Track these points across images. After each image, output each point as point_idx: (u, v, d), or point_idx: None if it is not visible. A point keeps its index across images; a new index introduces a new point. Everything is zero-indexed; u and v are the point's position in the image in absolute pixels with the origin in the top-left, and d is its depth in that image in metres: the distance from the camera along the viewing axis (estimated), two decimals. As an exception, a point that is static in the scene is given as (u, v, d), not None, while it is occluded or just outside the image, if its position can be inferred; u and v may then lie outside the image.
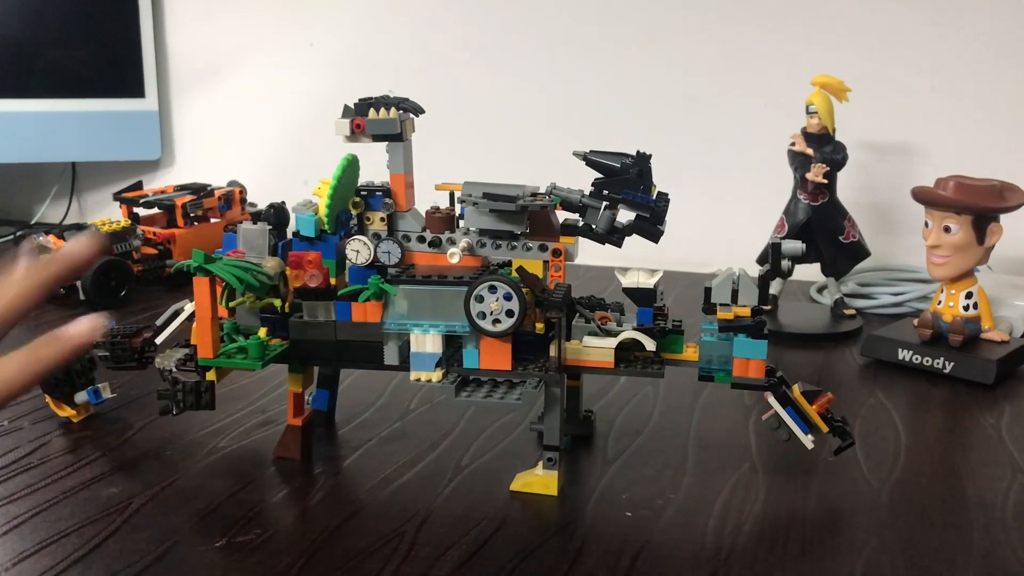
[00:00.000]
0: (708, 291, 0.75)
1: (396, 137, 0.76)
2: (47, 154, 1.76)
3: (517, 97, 1.60)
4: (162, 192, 1.47)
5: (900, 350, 1.05)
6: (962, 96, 1.39)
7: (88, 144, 1.74)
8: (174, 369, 0.78)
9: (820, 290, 1.34)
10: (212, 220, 1.46)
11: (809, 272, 1.25)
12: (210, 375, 0.77)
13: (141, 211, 1.44)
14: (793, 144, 1.21)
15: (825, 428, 0.76)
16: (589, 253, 0.83)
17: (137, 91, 1.74)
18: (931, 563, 0.66)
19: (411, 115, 0.78)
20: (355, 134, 0.76)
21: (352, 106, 0.77)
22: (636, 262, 0.79)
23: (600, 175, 0.76)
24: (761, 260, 1.19)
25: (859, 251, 1.23)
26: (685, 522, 0.71)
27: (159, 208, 1.43)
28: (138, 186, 1.51)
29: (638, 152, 0.75)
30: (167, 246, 1.39)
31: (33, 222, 1.88)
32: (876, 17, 1.41)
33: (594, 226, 0.76)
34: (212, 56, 1.78)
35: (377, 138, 0.77)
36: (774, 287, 1.25)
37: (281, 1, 1.72)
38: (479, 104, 1.61)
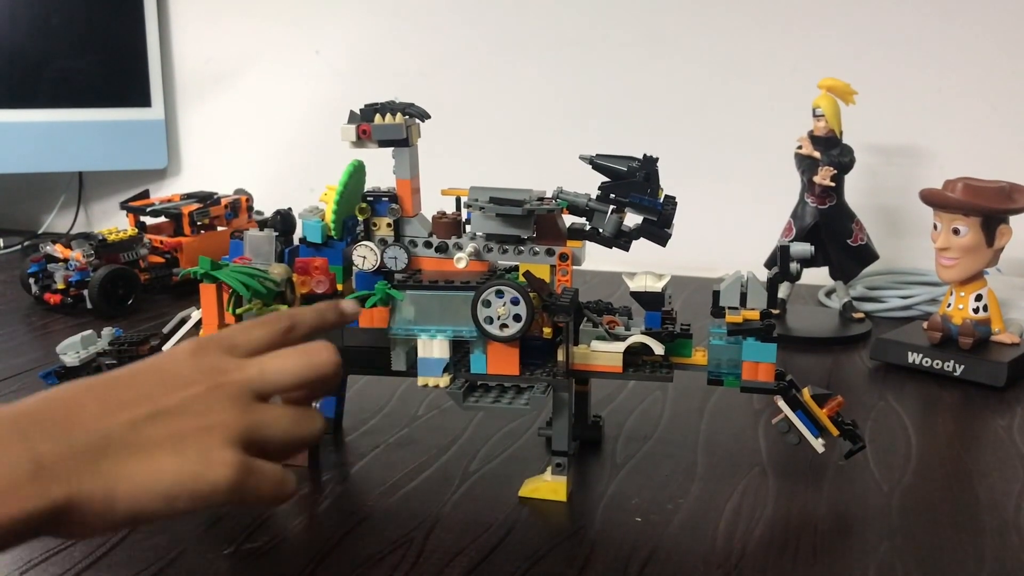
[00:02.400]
0: (716, 294, 0.75)
1: (402, 142, 0.76)
2: (54, 164, 1.76)
3: (523, 102, 1.60)
4: (168, 201, 1.47)
5: (910, 353, 1.05)
6: (969, 97, 1.38)
7: (95, 153, 1.75)
8: (181, 376, 0.77)
9: (828, 294, 1.33)
10: (219, 228, 1.46)
11: (817, 276, 1.25)
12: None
13: (148, 220, 1.44)
14: (800, 147, 1.21)
15: (835, 432, 0.76)
16: (596, 257, 0.83)
17: (143, 100, 1.75)
18: (943, 567, 0.66)
19: (417, 120, 0.78)
20: (361, 140, 0.76)
21: (358, 112, 0.77)
22: (643, 266, 0.79)
23: (607, 179, 0.76)
24: (769, 263, 1.18)
25: (867, 254, 1.22)
26: (695, 527, 0.71)
27: (166, 217, 1.43)
28: (145, 195, 1.51)
29: (645, 155, 0.75)
30: (174, 254, 1.39)
31: (40, 232, 1.88)
32: (882, 19, 1.40)
33: (601, 230, 0.76)
34: (218, 64, 1.79)
35: (383, 143, 0.76)
36: (782, 291, 1.25)
37: (287, 9, 1.72)
38: (485, 109, 1.61)
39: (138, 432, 0.44)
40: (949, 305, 1.06)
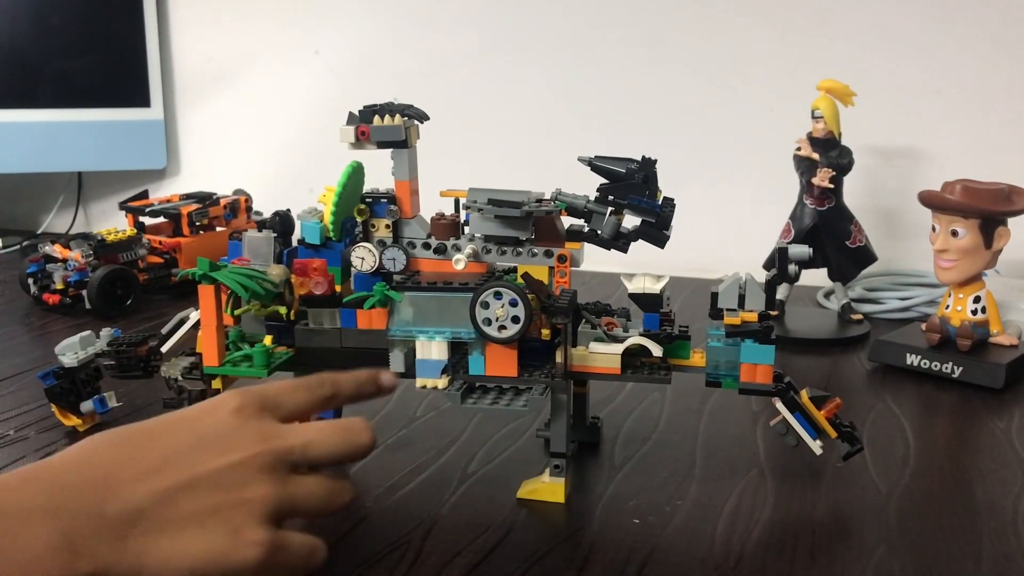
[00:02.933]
0: (715, 296, 0.75)
1: (401, 144, 0.76)
2: (53, 164, 1.76)
3: (522, 103, 1.60)
4: (167, 201, 1.47)
5: (908, 355, 1.05)
6: (968, 99, 1.38)
7: (94, 154, 1.75)
8: (180, 377, 0.78)
9: (827, 295, 1.33)
10: (217, 229, 1.46)
11: (816, 277, 1.25)
12: (216, 383, 0.77)
13: (147, 220, 1.44)
14: (799, 149, 1.21)
15: (833, 433, 0.76)
16: (595, 259, 0.83)
17: (142, 100, 1.75)
18: (941, 569, 0.66)
19: (415, 122, 0.78)
20: (360, 141, 0.76)
21: (357, 113, 0.76)
22: (642, 267, 0.79)
23: (605, 180, 0.76)
24: (768, 265, 1.18)
25: (866, 256, 1.22)
26: (693, 528, 0.71)
27: (165, 217, 1.43)
28: (144, 195, 1.51)
29: (643, 157, 0.75)
30: (173, 255, 1.39)
31: (40, 231, 1.88)
32: (881, 21, 1.40)
33: (599, 231, 0.76)
34: (217, 64, 1.79)
35: (382, 145, 0.76)
36: (781, 292, 1.25)
37: (286, 9, 1.72)
38: (484, 110, 1.61)
39: (170, 505, 0.45)
40: (947, 307, 1.06)
